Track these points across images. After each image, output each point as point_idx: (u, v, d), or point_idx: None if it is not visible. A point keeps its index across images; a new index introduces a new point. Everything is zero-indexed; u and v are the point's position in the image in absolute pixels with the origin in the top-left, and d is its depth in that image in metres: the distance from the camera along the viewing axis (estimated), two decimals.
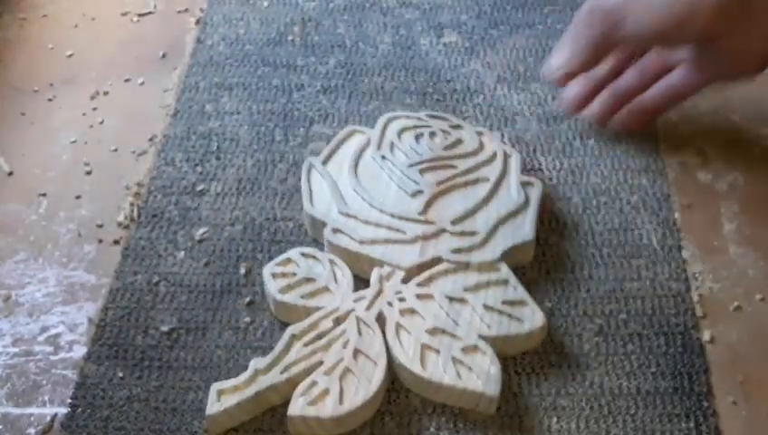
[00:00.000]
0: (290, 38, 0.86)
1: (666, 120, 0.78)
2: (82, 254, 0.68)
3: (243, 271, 0.66)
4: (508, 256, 0.64)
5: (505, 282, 0.62)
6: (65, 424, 0.58)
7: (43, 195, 0.72)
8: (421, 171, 0.69)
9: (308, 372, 0.57)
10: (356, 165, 0.71)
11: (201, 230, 0.69)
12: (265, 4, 0.90)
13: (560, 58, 0.70)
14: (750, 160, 0.75)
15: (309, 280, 0.63)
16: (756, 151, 0.76)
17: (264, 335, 0.62)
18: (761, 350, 0.62)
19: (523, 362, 0.61)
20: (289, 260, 0.64)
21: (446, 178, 0.69)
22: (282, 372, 0.57)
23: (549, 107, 0.79)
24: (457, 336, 0.59)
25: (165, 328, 0.63)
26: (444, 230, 0.65)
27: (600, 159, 0.74)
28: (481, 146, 0.72)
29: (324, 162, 0.71)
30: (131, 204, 0.71)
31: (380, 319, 0.60)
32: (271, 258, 0.66)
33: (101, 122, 0.78)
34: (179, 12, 0.90)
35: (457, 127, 0.74)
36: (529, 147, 0.76)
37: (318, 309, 0.61)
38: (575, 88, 0.74)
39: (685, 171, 0.74)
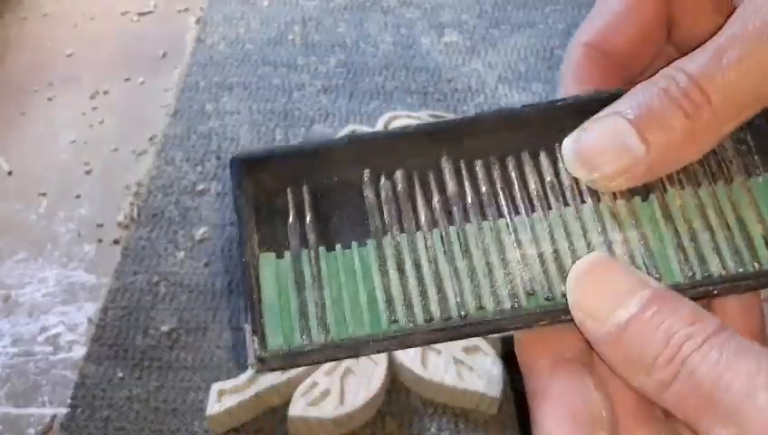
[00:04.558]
0: (290, 37, 0.86)
1: None
2: (82, 254, 0.68)
3: None
4: None
5: None
6: (65, 424, 0.57)
7: (43, 194, 0.72)
8: None
9: (308, 372, 0.57)
10: None
11: (201, 230, 0.69)
12: (266, 3, 0.90)
13: None
14: None
15: None
16: None
17: None
18: None
19: None
20: None
21: None
22: (282, 373, 0.57)
23: None
24: None
25: (165, 328, 0.62)
26: None
27: None
28: None
29: None
30: (131, 204, 0.71)
31: None
32: None
33: (101, 122, 0.78)
34: (179, 11, 0.90)
35: None
36: None
37: None
38: None
39: None
